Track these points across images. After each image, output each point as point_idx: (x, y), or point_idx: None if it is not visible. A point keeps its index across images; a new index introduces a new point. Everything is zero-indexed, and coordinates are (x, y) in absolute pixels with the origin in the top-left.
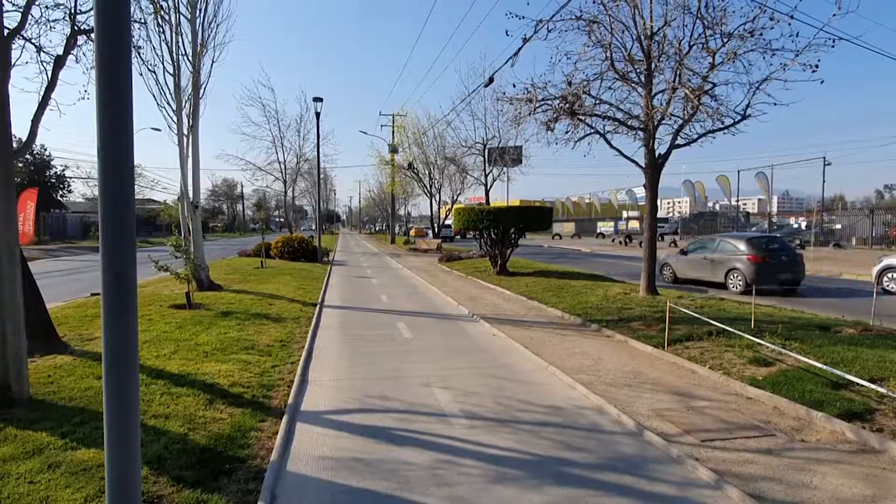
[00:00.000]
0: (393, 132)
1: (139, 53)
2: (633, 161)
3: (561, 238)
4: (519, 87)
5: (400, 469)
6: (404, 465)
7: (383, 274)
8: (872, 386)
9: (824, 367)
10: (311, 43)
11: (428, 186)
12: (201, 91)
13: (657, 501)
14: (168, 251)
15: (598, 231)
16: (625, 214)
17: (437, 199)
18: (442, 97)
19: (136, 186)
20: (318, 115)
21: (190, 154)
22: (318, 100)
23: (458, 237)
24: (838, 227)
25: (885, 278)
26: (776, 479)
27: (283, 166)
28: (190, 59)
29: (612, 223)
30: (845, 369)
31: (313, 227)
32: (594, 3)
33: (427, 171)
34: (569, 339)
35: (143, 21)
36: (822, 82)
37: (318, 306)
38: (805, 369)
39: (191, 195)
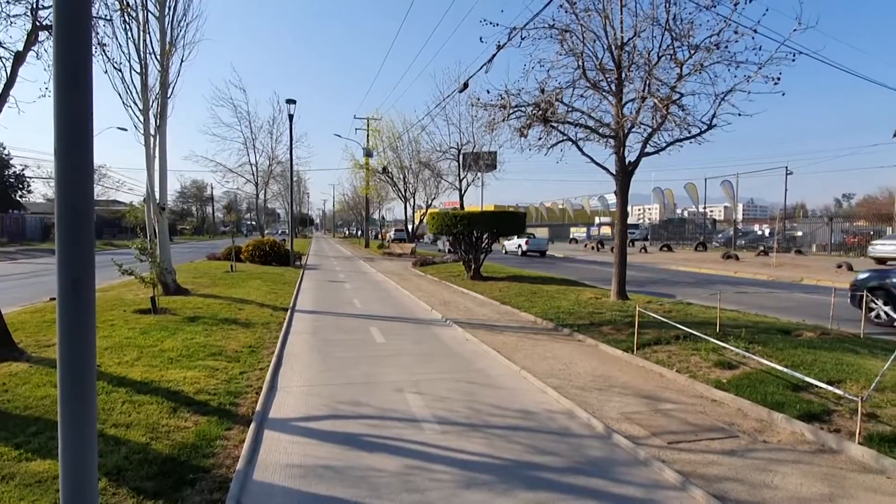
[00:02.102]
0: (367, 136)
1: (104, 51)
2: (604, 168)
3: None
4: (493, 94)
5: (370, 476)
6: (375, 472)
7: (356, 278)
8: (830, 388)
9: (785, 369)
10: (285, 44)
11: (402, 191)
12: (170, 91)
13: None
14: (133, 254)
15: (571, 236)
16: (597, 220)
17: (412, 203)
18: (417, 102)
19: (100, 187)
20: (291, 117)
21: (157, 155)
22: (290, 102)
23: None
24: (799, 234)
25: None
26: (739, 479)
27: (254, 168)
28: (158, 57)
29: (584, 229)
30: (805, 372)
31: (286, 231)
32: (566, 12)
33: (401, 176)
34: (541, 344)
35: (108, 18)
36: (783, 94)
37: (289, 311)
38: (767, 372)
39: (157, 197)
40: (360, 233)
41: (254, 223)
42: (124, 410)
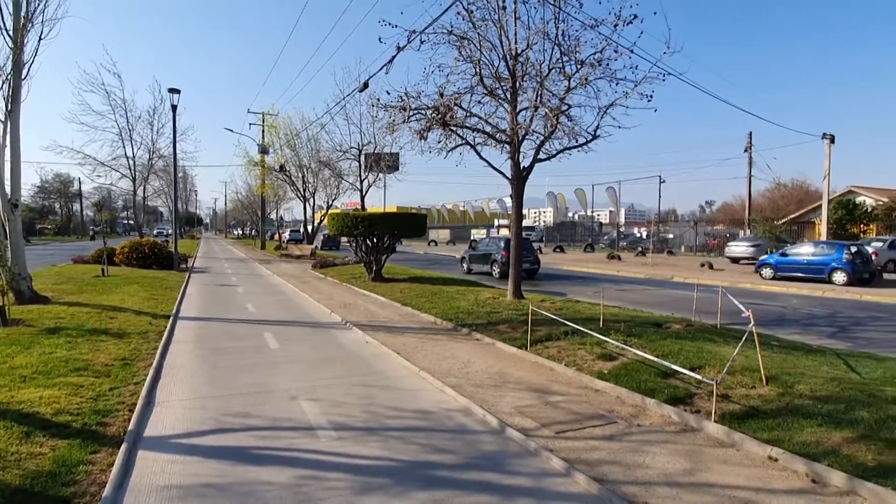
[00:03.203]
0: (263, 132)
1: None
2: (500, 172)
3: (437, 245)
4: (393, 95)
5: (258, 490)
6: (264, 486)
7: (250, 281)
8: (692, 374)
9: (656, 359)
10: (173, 29)
11: (301, 190)
12: (24, 71)
13: (515, 494)
14: None
15: (472, 238)
16: (496, 222)
17: (312, 203)
18: (316, 99)
19: None
20: (174, 107)
21: (8, 143)
22: (174, 91)
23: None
24: (671, 236)
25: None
26: (616, 461)
27: (131, 162)
28: (10, 33)
29: (484, 230)
30: (672, 360)
31: (170, 231)
32: (464, 20)
33: (300, 175)
34: (440, 344)
35: None
36: (655, 111)
37: (171, 318)
38: (642, 362)
39: (8, 191)
40: (253, 233)
41: (132, 222)
42: None
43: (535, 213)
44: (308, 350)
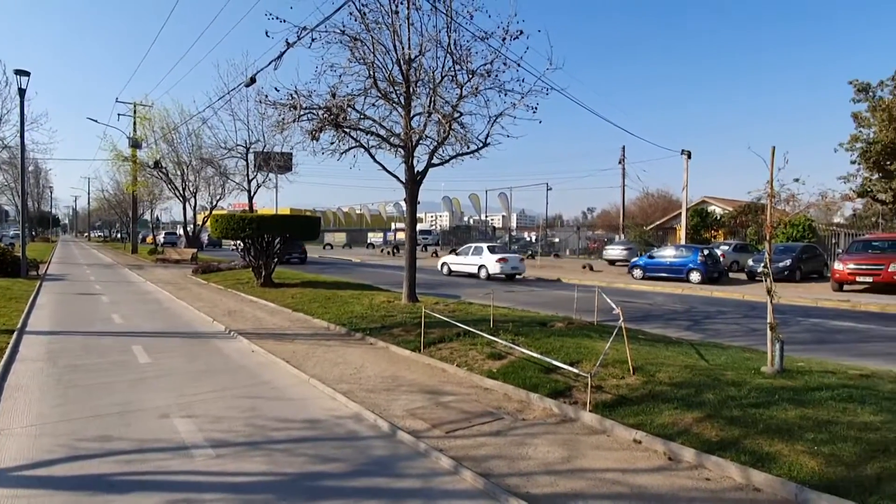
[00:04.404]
0: (135, 124)
1: None
2: (394, 176)
3: (332, 248)
4: (283, 92)
5: None
6: None
7: (118, 289)
8: (571, 368)
9: (540, 356)
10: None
11: (181, 189)
12: None
13: (404, 496)
14: None
15: (369, 241)
16: (393, 226)
17: (193, 203)
18: (196, 91)
19: None
20: (22, 91)
21: None
22: (22, 73)
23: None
24: (557, 240)
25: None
26: (502, 456)
27: None
28: None
29: (381, 234)
30: (554, 357)
31: (17, 233)
32: (357, 21)
33: (179, 172)
34: (333, 350)
35: None
36: (540, 122)
37: (15, 334)
38: (527, 359)
39: None
40: (123, 236)
41: None
42: None
43: (431, 216)
44: (184, 363)
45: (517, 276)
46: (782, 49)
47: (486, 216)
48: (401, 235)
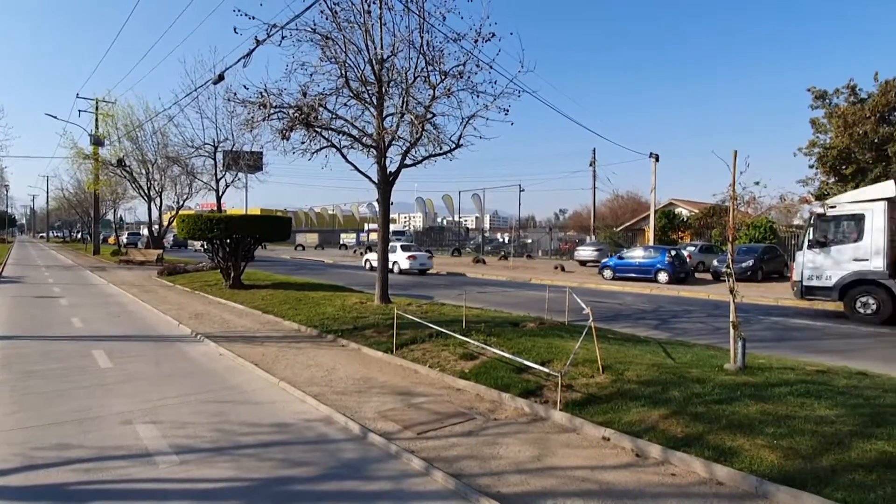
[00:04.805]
0: (97, 121)
1: None
2: (366, 176)
3: (304, 249)
4: (252, 90)
5: None
6: None
7: (79, 292)
8: (542, 368)
9: (512, 356)
10: None
11: (145, 188)
12: None
13: (375, 498)
14: None
15: (342, 242)
16: (367, 226)
17: (158, 203)
18: (162, 88)
19: None
20: None
21: None
22: None
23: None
24: (530, 241)
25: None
26: (473, 456)
27: None
28: None
29: (354, 235)
30: (526, 356)
31: None
32: (328, 20)
33: (144, 171)
34: (304, 352)
35: None
36: (512, 124)
37: None
38: (499, 359)
39: None
40: (82, 237)
41: None
42: None
43: (404, 217)
44: (148, 367)
45: (427, 272)
46: (747, 56)
47: (460, 217)
48: (374, 236)
